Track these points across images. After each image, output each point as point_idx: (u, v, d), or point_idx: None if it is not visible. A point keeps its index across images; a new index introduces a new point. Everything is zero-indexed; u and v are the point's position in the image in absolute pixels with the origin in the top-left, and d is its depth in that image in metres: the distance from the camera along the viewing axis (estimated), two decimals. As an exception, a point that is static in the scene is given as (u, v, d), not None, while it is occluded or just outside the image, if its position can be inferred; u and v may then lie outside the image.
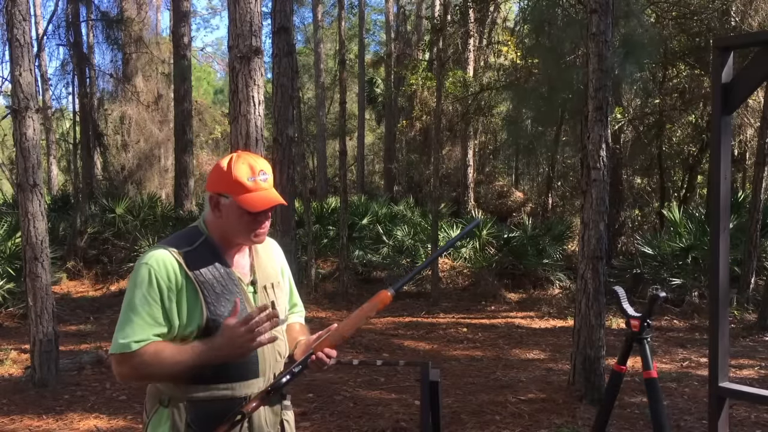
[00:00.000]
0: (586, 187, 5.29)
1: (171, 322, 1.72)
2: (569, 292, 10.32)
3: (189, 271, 1.73)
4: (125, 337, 1.70)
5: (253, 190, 1.77)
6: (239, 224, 1.79)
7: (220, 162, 1.81)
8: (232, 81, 4.58)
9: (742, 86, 2.18)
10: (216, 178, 1.80)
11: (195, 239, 1.80)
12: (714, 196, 2.32)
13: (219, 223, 1.81)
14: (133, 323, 1.70)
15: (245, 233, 1.81)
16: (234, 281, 1.80)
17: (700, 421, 4.71)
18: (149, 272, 1.71)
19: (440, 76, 11.42)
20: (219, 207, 1.78)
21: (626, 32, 8.78)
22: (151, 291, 1.70)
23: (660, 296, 2.92)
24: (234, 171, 1.77)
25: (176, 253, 1.75)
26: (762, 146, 9.20)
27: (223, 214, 1.79)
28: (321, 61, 23.53)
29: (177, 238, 1.83)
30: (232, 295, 1.77)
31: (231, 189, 1.76)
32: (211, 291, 1.74)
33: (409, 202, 15.21)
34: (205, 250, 1.79)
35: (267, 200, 1.78)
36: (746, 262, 9.24)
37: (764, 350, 7.28)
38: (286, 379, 1.76)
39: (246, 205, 1.75)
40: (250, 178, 1.77)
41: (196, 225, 1.86)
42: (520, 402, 5.26)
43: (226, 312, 1.74)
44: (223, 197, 1.78)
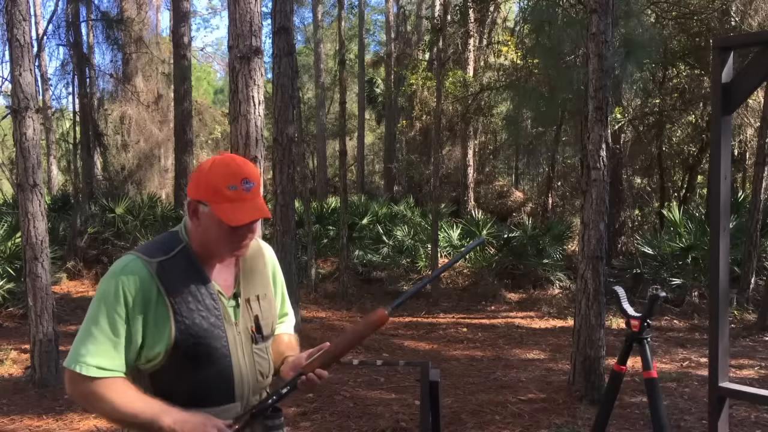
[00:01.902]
0: (586, 187, 5.29)
1: (134, 342, 1.56)
2: (569, 292, 10.32)
3: (161, 284, 1.57)
4: (86, 355, 1.54)
5: (234, 201, 1.57)
6: (218, 236, 1.61)
7: (202, 165, 1.63)
8: (232, 81, 4.58)
9: (742, 86, 2.18)
10: (195, 182, 1.62)
11: (173, 247, 1.64)
12: (714, 196, 2.32)
13: (198, 232, 1.63)
14: (96, 342, 1.54)
15: (224, 246, 1.64)
16: (212, 295, 1.64)
17: (700, 421, 4.71)
18: (117, 286, 1.55)
19: (440, 76, 11.42)
20: (197, 214, 1.61)
21: (626, 32, 8.78)
22: (117, 307, 1.54)
23: (660, 296, 2.92)
24: (213, 177, 1.58)
25: (149, 263, 1.58)
26: (762, 146, 9.20)
27: (201, 223, 1.61)
28: (321, 61, 23.54)
29: (153, 244, 1.66)
30: (208, 312, 1.62)
31: (209, 196, 1.58)
32: (183, 306, 1.58)
33: (409, 202, 15.21)
34: (182, 260, 1.62)
35: (248, 213, 1.59)
36: (746, 262, 9.23)
37: (764, 350, 7.28)
38: (272, 401, 1.63)
39: (224, 216, 1.56)
40: (231, 186, 1.57)
41: (177, 231, 1.69)
42: (520, 402, 5.26)
43: (199, 330, 1.59)
44: (202, 204, 1.60)
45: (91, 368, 1.53)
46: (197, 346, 1.59)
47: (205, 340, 1.60)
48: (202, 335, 1.59)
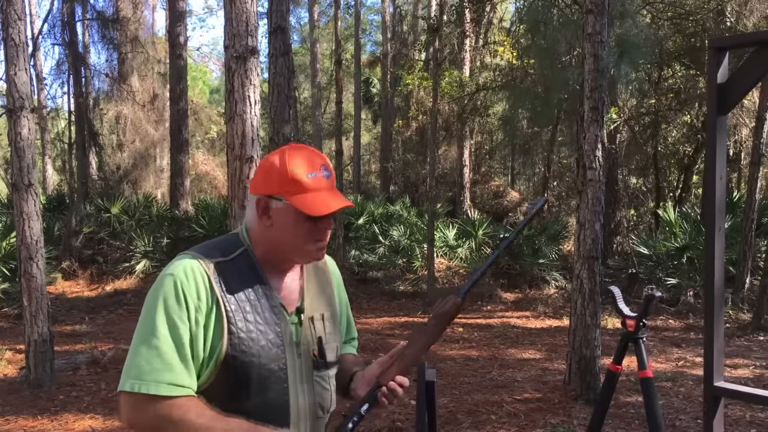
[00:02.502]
0: (582, 187, 5.30)
1: (197, 354, 1.35)
2: (565, 292, 10.34)
3: (218, 288, 1.37)
4: (153, 371, 1.30)
5: (314, 190, 1.41)
6: (295, 234, 1.42)
7: (269, 158, 1.47)
8: (228, 81, 4.57)
9: (738, 86, 2.19)
10: (264, 176, 1.44)
11: (233, 249, 1.45)
12: (709, 196, 2.33)
13: (268, 234, 1.45)
14: (161, 354, 1.31)
15: (302, 245, 1.44)
16: (274, 308, 1.43)
17: (696, 420, 4.72)
18: (176, 285, 1.34)
19: (436, 76, 11.42)
20: (268, 213, 1.43)
21: (621, 32, 8.79)
22: (179, 311, 1.33)
23: (656, 296, 2.92)
24: (289, 166, 1.41)
25: (206, 264, 1.39)
26: (757, 146, 9.23)
27: (274, 222, 1.43)
28: (317, 61, 23.52)
29: (210, 246, 1.47)
30: (267, 327, 1.40)
31: (285, 188, 1.40)
32: (239, 316, 1.37)
33: (405, 202, 15.21)
34: (243, 264, 1.43)
35: (332, 201, 1.41)
36: (741, 262, 9.26)
37: (759, 350, 7.31)
38: (353, 423, 1.41)
39: (305, 207, 1.38)
40: (309, 174, 1.41)
41: (237, 233, 1.50)
42: (516, 402, 5.27)
43: (254, 347, 1.37)
44: (275, 200, 1.42)
45: (162, 386, 1.30)
46: (250, 367, 1.37)
47: (259, 359, 1.38)
48: (257, 353, 1.37)
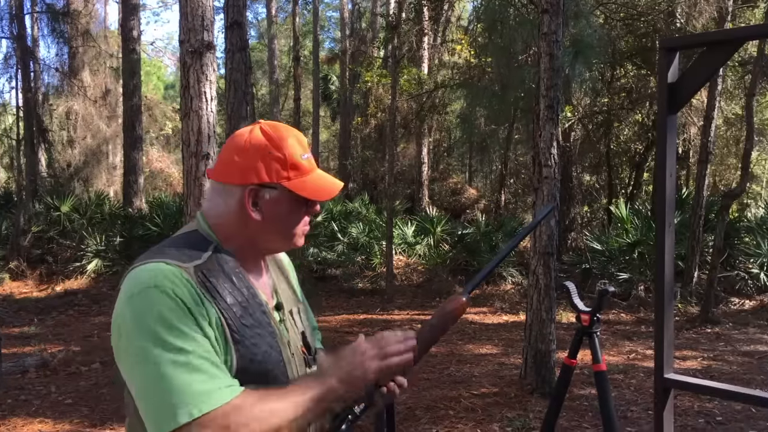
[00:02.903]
0: (538, 185, 5.38)
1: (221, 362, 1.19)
2: (521, 288, 10.49)
3: (206, 295, 1.18)
4: (204, 390, 1.09)
5: (311, 171, 1.29)
6: (288, 223, 1.29)
7: (249, 140, 1.27)
8: (183, 76, 4.50)
9: (687, 86, 2.25)
10: (252, 162, 1.25)
11: (202, 249, 1.24)
12: (660, 192, 2.39)
13: (251, 227, 1.27)
14: (198, 368, 1.10)
15: (293, 235, 1.31)
16: (262, 307, 1.28)
17: (647, 411, 4.85)
18: (170, 296, 1.13)
19: (395, 74, 11.44)
20: (259, 204, 1.26)
21: (576, 32, 8.97)
22: (188, 322, 1.13)
23: (609, 291, 2.99)
24: (286, 148, 1.26)
25: (184, 269, 1.18)
26: (704, 144, 9.52)
27: (265, 213, 1.26)
28: (275, 57, 23.31)
29: (174, 247, 1.24)
30: (262, 329, 1.25)
31: (284, 175, 1.25)
32: (237, 324, 1.20)
33: (364, 200, 15.21)
34: (218, 265, 1.23)
35: (330, 183, 1.32)
36: (690, 256, 9.54)
37: (706, 342, 7.55)
38: (348, 424, 1.30)
39: (309, 192, 1.26)
40: (303, 155, 1.28)
41: (195, 229, 1.30)
42: (473, 396, 5.33)
43: (259, 354, 1.22)
44: (268, 189, 1.25)
45: (224, 392, 1.11)
46: (259, 376, 1.21)
47: (265, 366, 1.24)
48: (262, 360, 1.23)
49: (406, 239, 12.39)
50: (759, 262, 9.69)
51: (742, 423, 4.66)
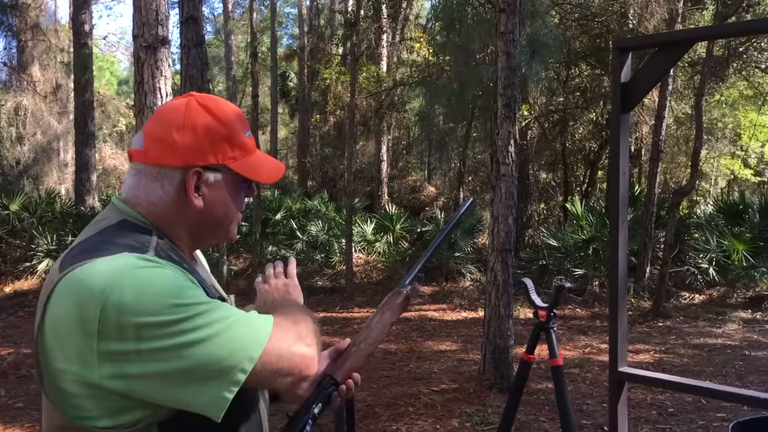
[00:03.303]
0: (496, 182, 5.44)
1: None
2: (480, 284, 10.60)
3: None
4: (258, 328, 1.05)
5: (253, 151, 1.17)
6: (229, 208, 1.17)
7: (190, 114, 1.11)
8: (137, 71, 4.40)
9: (639, 86, 2.30)
10: (198, 139, 1.10)
11: (144, 241, 1.08)
12: (613, 190, 2.43)
13: (190, 215, 1.13)
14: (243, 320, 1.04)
15: (233, 221, 1.20)
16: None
17: (601, 404, 4.96)
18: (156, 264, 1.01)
19: (354, 71, 11.42)
20: (201, 188, 1.12)
21: (532, 32, 9.08)
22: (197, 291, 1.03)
23: (565, 287, 3.04)
24: (230, 125, 1.13)
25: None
26: (656, 143, 9.77)
27: (207, 199, 1.13)
28: (232, 53, 23.02)
29: (117, 243, 1.05)
30: None
31: (231, 155, 1.13)
32: None
33: (324, 197, 15.15)
34: (167, 253, 1.10)
35: (274, 163, 1.22)
36: (642, 252, 9.79)
37: (658, 335, 7.75)
38: (309, 426, 1.21)
39: (255, 173, 1.16)
40: (245, 132, 1.16)
41: (123, 219, 1.11)
42: (433, 393, 5.36)
43: None
44: (210, 171, 1.12)
45: (263, 323, 1.07)
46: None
47: None
48: None
49: (366, 237, 12.39)
50: (708, 257, 9.99)
51: (692, 414, 4.81)
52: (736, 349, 6.98)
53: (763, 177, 18.89)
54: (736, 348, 7.05)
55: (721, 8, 9.75)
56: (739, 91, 15.44)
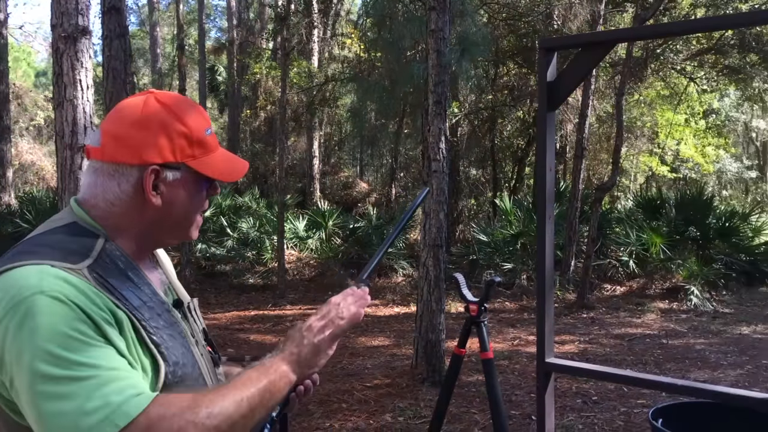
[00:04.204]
0: (428, 178, 5.49)
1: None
2: (412, 280, 10.70)
3: (109, 297, 1.00)
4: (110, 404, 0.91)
5: (215, 149, 1.14)
6: (190, 208, 1.14)
7: (149, 110, 1.09)
8: (56, 63, 4.21)
9: (565, 85, 2.37)
10: (155, 136, 1.07)
11: (89, 245, 1.05)
12: (540, 186, 2.50)
13: (148, 214, 1.11)
14: (103, 382, 0.92)
15: (193, 222, 1.17)
16: (164, 305, 1.13)
17: (529, 394, 5.10)
18: (64, 303, 0.94)
19: (285, 66, 11.29)
20: (159, 187, 1.09)
21: (461, 30, 9.22)
22: (90, 332, 0.95)
23: (495, 281, 3.10)
24: (189, 122, 1.10)
25: (76, 271, 0.99)
26: (580, 140, 10.11)
27: (165, 198, 1.10)
28: (158, 46, 22.36)
29: (55, 246, 1.03)
30: (172, 329, 1.10)
31: (190, 153, 1.10)
32: (150, 326, 1.05)
33: (254, 194, 14.92)
34: (113, 262, 1.06)
35: (238, 162, 1.19)
36: (567, 246, 10.11)
37: (583, 326, 8.04)
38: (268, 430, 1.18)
39: (217, 172, 1.12)
40: (207, 130, 1.13)
41: (75, 221, 1.09)
42: (366, 389, 5.38)
43: (179, 358, 1.08)
44: (170, 169, 1.09)
45: (142, 399, 0.93)
46: (184, 379, 1.08)
47: (186, 369, 1.09)
48: (184, 362, 1.09)
49: (298, 233, 12.30)
50: (628, 250, 10.42)
51: (615, 401, 5.01)
52: (654, 338, 7.31)
53: (679, 174, 19.87)
54: (654, 337, 7.39)
55: (640, 11, 10.17)
56: (657, 91, 16.17)
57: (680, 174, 19.91)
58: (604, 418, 4.65)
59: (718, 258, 10.33)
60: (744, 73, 12.94)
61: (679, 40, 12.36)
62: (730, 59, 12.74)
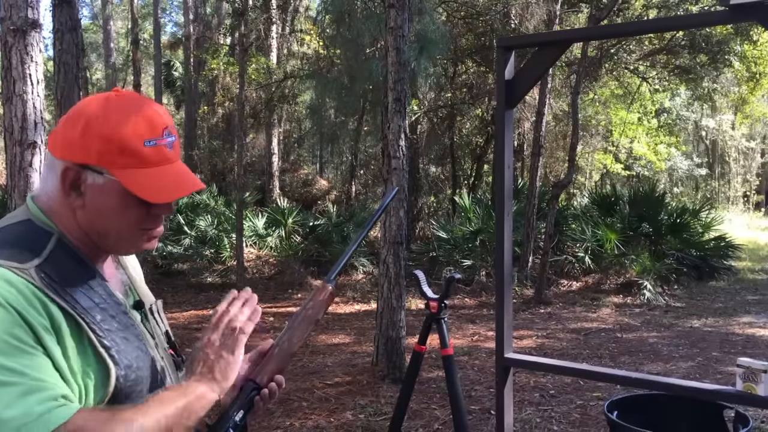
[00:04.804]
0: (387, 176, 5.50)
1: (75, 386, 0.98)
2: (372, 277, 10.70)
3: (58, 299, 0.97)
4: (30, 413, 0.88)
5: (153, 164, 1.04)
6: (121, 221, 1.05)
7: (86, 106, 1.04)
8: (4, 56, 4.07)
9: (522, 83, 2.40)
10: (75, 134, 1.02)
11: (41, 243, 1.02)
12: (498, 183, 2.53)
13: (81, 215, 1.05)
14: (27, 391, 0.90)
15: (130, 236, 1.08)
16: (121, 306, 1.08)
17: (489, 389, 5.16)
18: (2, 307, 0.92)
19: (243, 62, 11.16)
20: (78, 188, 1.04)
21: (420, 28, 9.25)
22: (25, 338, 0.92)
23: (455, 278, 3.13)
24: (118, 126, 1.01)
25: (21, 271, 0.96)
26: (537, 138, 10.26)
27: (87, 201, 1.04)
28: (111, 40, 21.84)
29: (5, 246, 1.00)
30: (127, 331, 1.06)
31: (110, 159, 1.01)
32: (100, 329, 1.01)
33: (213, 191, 14.72)
34: (65, 260, 1.03)
35: (178, 182, 1.07)
36: (525, 242, 10.26)
37: (540, 321, 8.17)
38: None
39: (140, 190, 1.02)
40: (147, 141, 1.03)
41: (29, 219, 1.06)
42: (327, 387, 5.36)
43: (132, 361, 1.04)
44: (92, 171, 1.03)
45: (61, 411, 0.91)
46: (137, 386, 1.05)
47: (141, 374, 1.06)
48: (138, 367, 1.06)
49: (257, 231, 12.18)
50: (584, 246, 10.63)
51: (571, 395, 5.11)
52: (609, 332, 7.48)
53: (632, 171, 20.35)
54: (609, 331, 7.56)
55: (595, 12, 10.37)
56: (611, 90, 16.52)
57: (633, 171, 20.40)
58: (561, 412, 4.73)
59: (670, 253, 10.62)
60: (694, 73, 13.31)
61: (632, 41, 12.65)
62: (681, 59, 13.10)
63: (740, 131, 29.38)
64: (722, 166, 30.33)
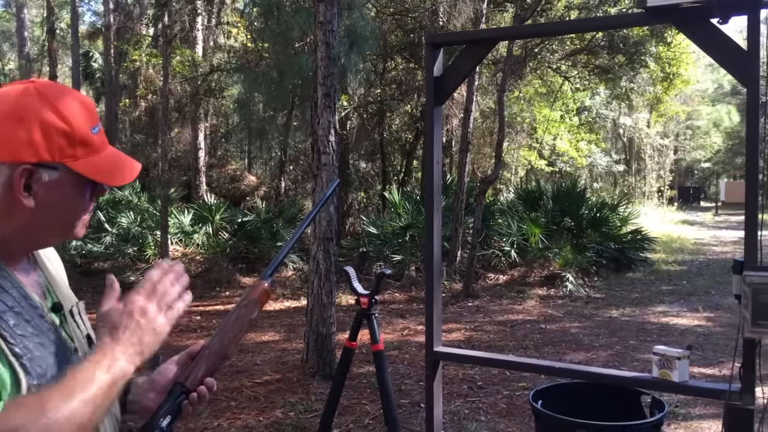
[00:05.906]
0: (317, 171, 5.47)
1: None
2: (302, 273, 10.63)
3: None
4: None
5: (102, 149, 1.04)
6: (70, 211, 1.04)
7: (24, 102, 0.98)
8: None
9: (451, 80, 2.42)
10: (30, 132, 0.97)
11: None
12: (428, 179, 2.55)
13: (20, 216, 1.00)
14: None
15: (74, 224, 1.06)
16: (37, 310, 1.02)
17: (418, 383, 5.22)
18: None
19: (167, 54, 10.83)
20: (33, 188, 0.99)
21: (350, 23, 9.23)
22: None
23: (386, 273, 3.15)
24: (72, 119, 0.99)
25: None
26: (465, 135, 10.43)
27: (40, 199, 1.00)
28: (25, 29, 20.78)
29: None
30: (44, 336, 1.01)
31: (70, 152, 0.99)
32: (12, 334, 0.96)
33: (135, 187, 14.24)
34: None
35: (125, 162, 1.08)
36: (453, 237, 10.42)
37: (468, 314, 8.33)
38: None
39: (103, 175, 1.03)
40: (93, 128, 1.02)
41: None
42: (256, 385, 5.29)
43: (47, 368, 0.98)
44: (46, 169, 0.99)
45: None
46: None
47: (55, 381, 0.98)
48: (51, 375, 0.98)
49: (183, 228, 11.87)
50: (510, 240, 10.90)
51: (498, 386, 5.23)
52: (534, 324, 7.70)
53: (555, 167, 21.01)
54: (534, 322, 7.79)
55: (520, 11, 10.62)
56: (535, 89, 17.00)
57: (556, 168, 21.08)
58: (489, 402, 4.84)
59: (591, 246, 11.03)
60: (612, 73, 13.87)
61: (555, 41, 13.05)
62: (600, 59, 13.61)
63: (655, 129, 30.85)
64: (638, 163, 31.76)
